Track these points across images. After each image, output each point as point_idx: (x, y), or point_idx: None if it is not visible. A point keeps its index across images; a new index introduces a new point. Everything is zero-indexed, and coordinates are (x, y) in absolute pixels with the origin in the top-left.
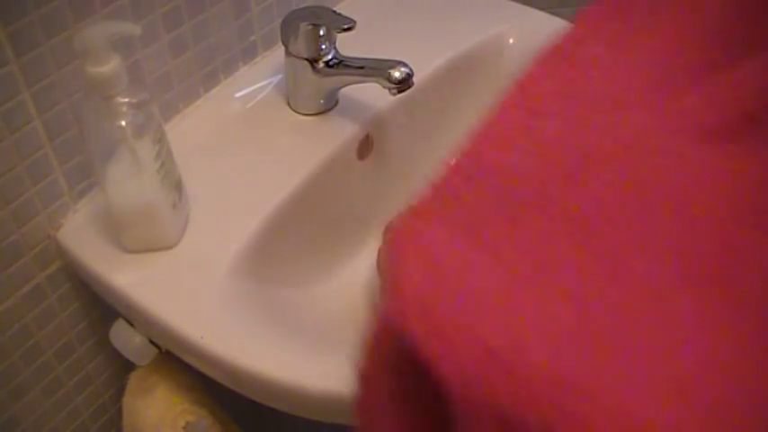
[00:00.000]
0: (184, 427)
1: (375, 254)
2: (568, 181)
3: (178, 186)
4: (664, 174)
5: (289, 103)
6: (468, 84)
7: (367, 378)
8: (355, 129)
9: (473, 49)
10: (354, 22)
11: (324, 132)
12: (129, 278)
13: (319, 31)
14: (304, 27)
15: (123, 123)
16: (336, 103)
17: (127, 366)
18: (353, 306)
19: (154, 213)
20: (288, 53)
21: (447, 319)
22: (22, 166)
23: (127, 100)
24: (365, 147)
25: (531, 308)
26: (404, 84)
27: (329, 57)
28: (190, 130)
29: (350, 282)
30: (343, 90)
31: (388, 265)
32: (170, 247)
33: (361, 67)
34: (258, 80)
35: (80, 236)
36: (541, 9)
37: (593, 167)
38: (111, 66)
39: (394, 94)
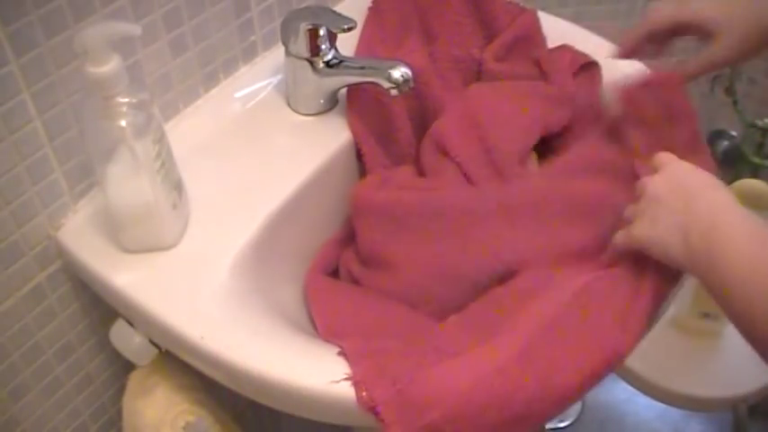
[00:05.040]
0: (184, 428)
1: None
2: None
3: (178, 186)
4: None
5: (289, 104)
6: None
7: None
8: None
9: None
10: (354, 22)
11: (324, 132)
12: (129, 278)
13: (319, 31)
14: (304, 27)
15: (123, 123)
16: (336, 103)
17: (127, 366)
18: None
19: (154, 213)
20: (288, 53)
21: None
22: (22, 166)
23: (127, 100)
24: None
25: None
26: (403, 84)
27: (329, 57)
28: (190, 130)
29: None
30: (343, 90)
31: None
32: (170, 247)
33: (362, 67)
34: (258, 80)
35: (80, 236)
36: (542, 9)
37: None
38: (111, 66)
39: (394, 95)
